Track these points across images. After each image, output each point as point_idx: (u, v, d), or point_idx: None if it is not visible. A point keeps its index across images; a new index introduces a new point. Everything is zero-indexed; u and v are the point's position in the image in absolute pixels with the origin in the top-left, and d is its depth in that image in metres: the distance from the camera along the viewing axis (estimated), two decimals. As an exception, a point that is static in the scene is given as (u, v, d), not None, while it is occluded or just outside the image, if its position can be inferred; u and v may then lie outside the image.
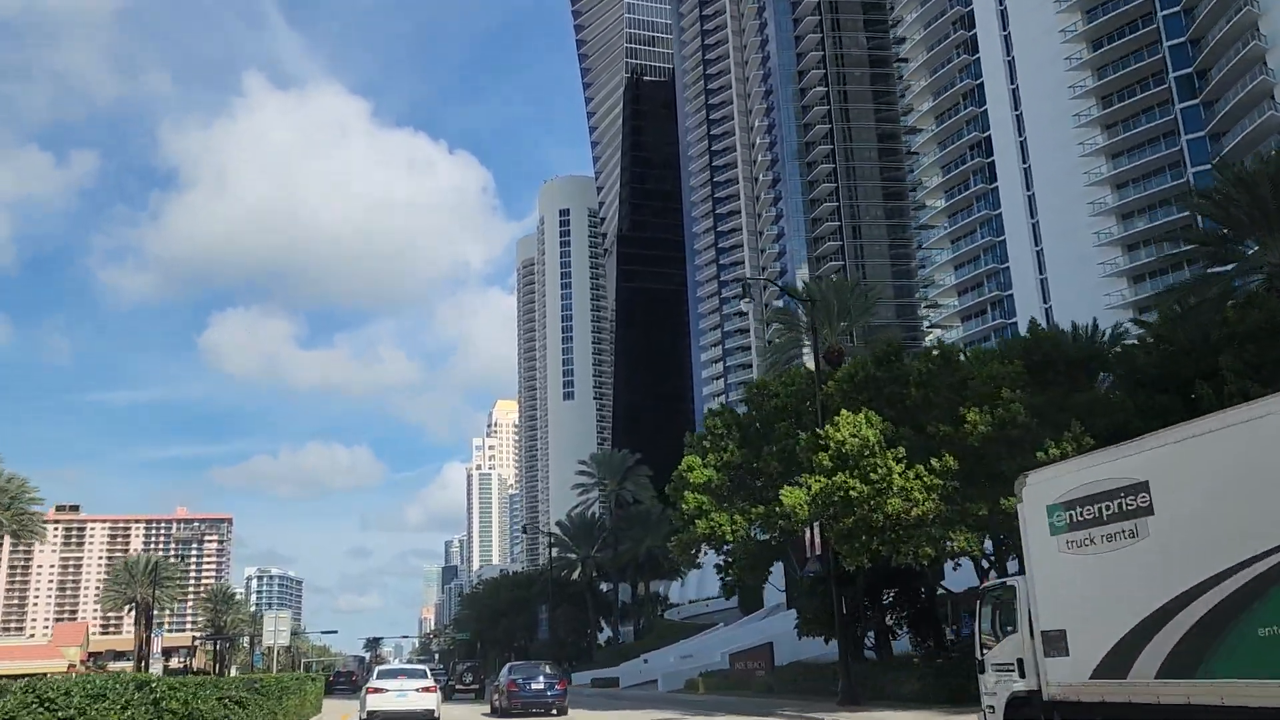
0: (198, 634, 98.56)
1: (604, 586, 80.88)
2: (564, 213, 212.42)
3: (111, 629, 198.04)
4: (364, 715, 25.47)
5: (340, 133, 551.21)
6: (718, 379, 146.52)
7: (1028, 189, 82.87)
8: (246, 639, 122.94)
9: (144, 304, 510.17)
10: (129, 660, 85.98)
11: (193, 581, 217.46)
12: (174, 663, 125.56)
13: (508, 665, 34.35)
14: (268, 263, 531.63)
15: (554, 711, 28.85)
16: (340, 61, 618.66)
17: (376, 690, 26.16)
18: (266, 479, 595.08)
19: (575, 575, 75.73)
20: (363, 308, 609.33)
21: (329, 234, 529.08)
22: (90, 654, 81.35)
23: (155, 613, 79.84)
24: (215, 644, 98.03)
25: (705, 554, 30.12)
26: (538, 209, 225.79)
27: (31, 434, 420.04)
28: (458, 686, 47.93)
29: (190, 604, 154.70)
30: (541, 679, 29.80)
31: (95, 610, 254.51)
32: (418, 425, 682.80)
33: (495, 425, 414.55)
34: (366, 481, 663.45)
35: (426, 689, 26.27)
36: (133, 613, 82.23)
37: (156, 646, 65.89)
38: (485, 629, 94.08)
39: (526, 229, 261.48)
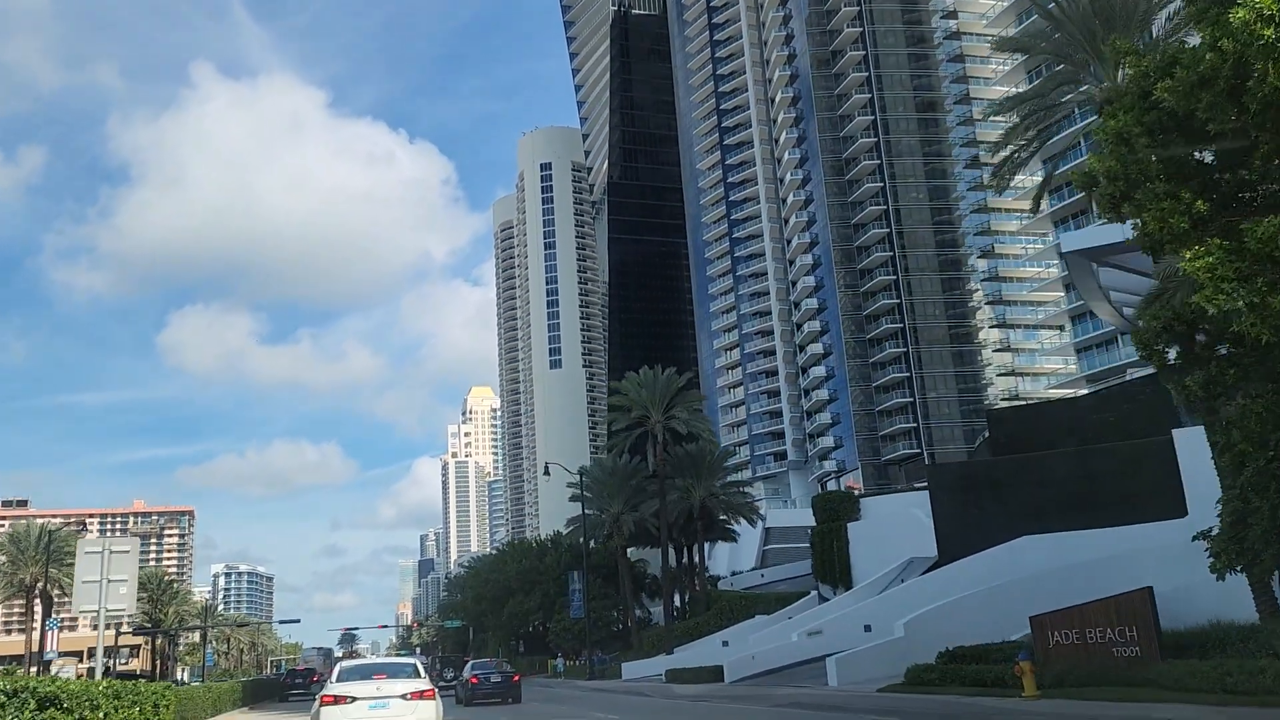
0: (129, 628, 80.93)
1: (631, 553, 64.52)
2: (545, 167, 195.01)
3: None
4: None
5: (296, 125, 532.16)
6: (730, 330, 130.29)
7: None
8: (198, 635, 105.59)
9: (100, 303, 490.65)
10: (64, 663, 68.61)
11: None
12: (117, 664, 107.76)
13: (469, 663, 39.53)
14: (226, 258, 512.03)
15: (509, 700, 32.96)
16: (302, 54, 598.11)
17: (338, 700, 16.20)
18: (234, 478, 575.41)
19: (603, 538, 58.94)
20: (325, 303, 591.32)
21: (287, 228, 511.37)
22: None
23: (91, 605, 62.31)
24: (153, 642, 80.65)
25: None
26: (517, 164, 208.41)
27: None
28: (439, 684, 39.71)
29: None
30: (499, 675, 34.35)
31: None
32: (387, 421, 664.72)
33: (471, 412, 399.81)
34: (336, 479, 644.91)
35: (419, 694, 16.53)
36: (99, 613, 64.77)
37: (52, 642, 48.75)
38: (487, 612, 76.87)
39: (490, 222, 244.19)
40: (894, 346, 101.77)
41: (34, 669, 52.03)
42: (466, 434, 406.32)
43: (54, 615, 51.88)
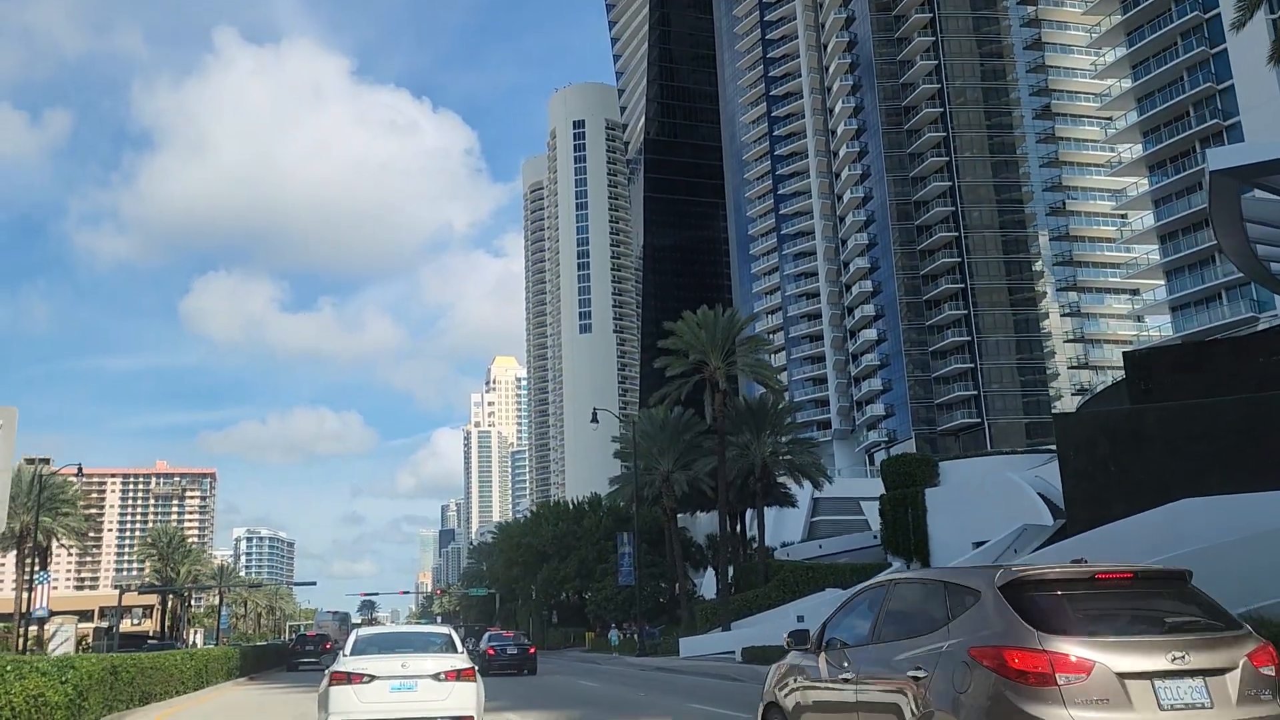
0: (131, 586, 76.14)
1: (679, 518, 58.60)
2: (578, 124, 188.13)
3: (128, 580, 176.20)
4: None
5: (319, 92, 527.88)
6: (772, 293, 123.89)
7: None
8: (218, 596, 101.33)
9: (124, 269, 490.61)
10: (64, 621, 63.88)
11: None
12: (127, 625, 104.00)
13: (487, 634, 40.70)
14: (247, 224, 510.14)
15: (525, 671, 33.72)
16: (331, 22, 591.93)
17: (352, 678, 11.81)
18: (255, 445, 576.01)
19: (651, 500, 53.00)
20: (346, 272, 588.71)
21: (308, 195, 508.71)
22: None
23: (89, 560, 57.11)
24: (164, 603, 75.95)
25: None
26: (544, 129, 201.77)
27: (13, 401, 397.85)
28: None
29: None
30: (515, 647, 35.43)
31: (69, 569, 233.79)
32: (406, 392, 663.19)
33: (495, 382, 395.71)
34: (357, 448, 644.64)
35: (456, 674, 12.18)
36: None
37: (40, 599, 43.62)
38: (518, 578, 71.21)
39: (512, 193, 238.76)
40: (953, 308, 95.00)
41: (24, 628, 47.03)
42: (490, 403, 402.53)
43: (48, 569, 47.09)
